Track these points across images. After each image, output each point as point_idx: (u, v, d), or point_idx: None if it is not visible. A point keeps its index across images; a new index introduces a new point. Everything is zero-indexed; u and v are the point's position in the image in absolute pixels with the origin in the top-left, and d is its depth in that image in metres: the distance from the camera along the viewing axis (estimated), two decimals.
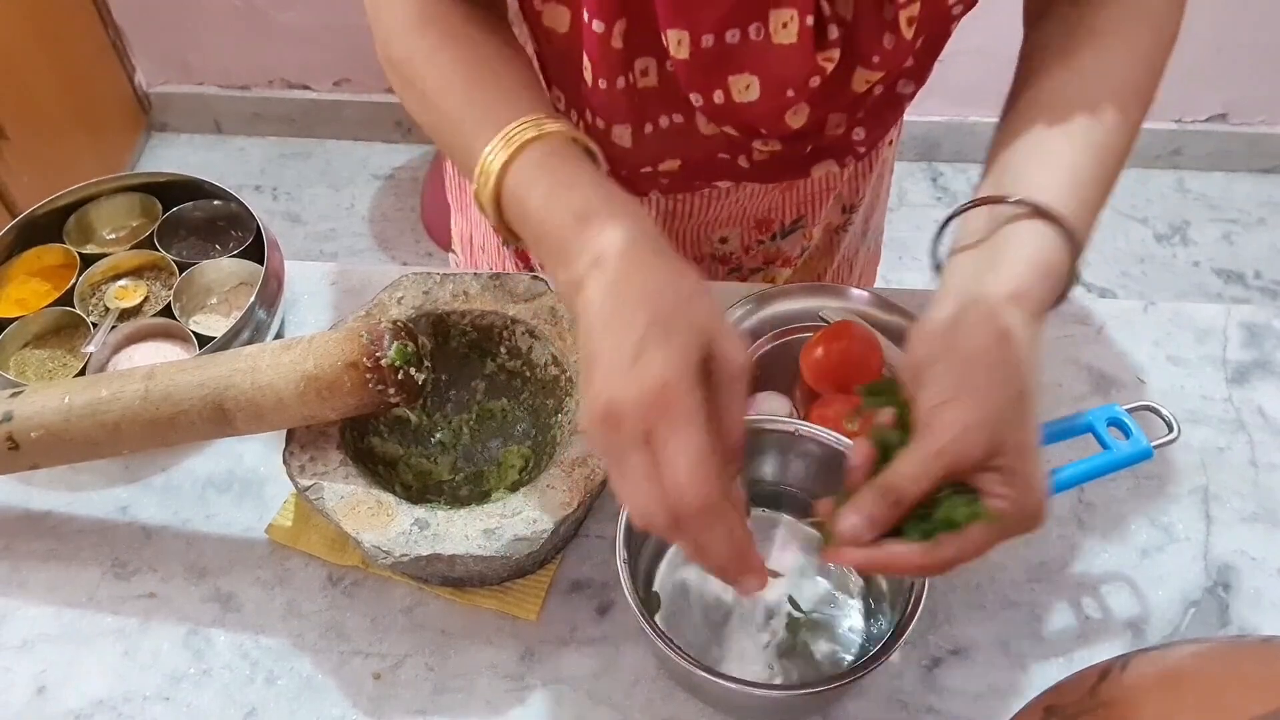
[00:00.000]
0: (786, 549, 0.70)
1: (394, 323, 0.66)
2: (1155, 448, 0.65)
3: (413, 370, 0.65)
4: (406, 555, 0.61)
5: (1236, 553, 0.72)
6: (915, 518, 0.53)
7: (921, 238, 2.18)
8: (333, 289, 0.87)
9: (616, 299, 0.49)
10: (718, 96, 0.67)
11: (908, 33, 0.64)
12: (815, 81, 0.66)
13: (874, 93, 0.71)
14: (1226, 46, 2.06)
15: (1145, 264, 2.16)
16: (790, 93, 0.67)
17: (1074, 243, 0.56)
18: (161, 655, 0.67)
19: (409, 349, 0.65)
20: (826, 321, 0.81)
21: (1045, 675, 0.66)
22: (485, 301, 0.73)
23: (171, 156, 2.33)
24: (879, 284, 1.07)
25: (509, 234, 0.59)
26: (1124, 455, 0.65)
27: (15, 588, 0.70)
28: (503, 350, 0.75)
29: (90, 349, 0.79)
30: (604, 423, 0.47)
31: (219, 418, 0.64)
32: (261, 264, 0.82)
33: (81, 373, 0.78)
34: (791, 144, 0.74)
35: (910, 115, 0.85)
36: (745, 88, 0.67)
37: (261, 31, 2.18)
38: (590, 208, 0.53)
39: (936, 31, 0.67)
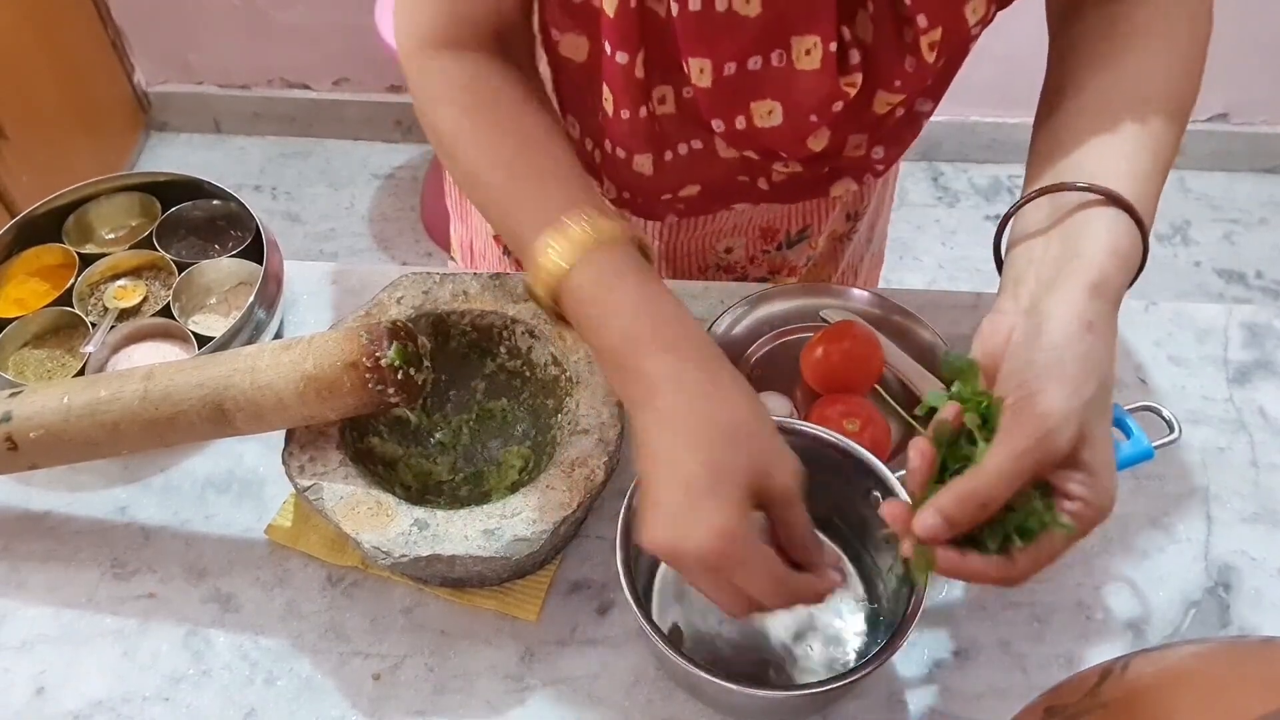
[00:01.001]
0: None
1: (394, 323, 0.66)
2: (1156, 448, 0.65)
3: (412, 370, 0.65)
4: (406, 556, 0.61)
5: (1237, 553, 0.72)
6: (992, 522, 0.51)
7: (922, 237, 2.18)
8: (332, 289, 0.87)
9: (669, 436, 0.53)
10: (740, 122, 0.67)
11: (929, 56, 0.64)
12: (838, 106, 0.66)
13: (895, 114, 0.71)
14: (1227, 46, 2.05)
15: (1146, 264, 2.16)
16: (813, 118, 0.67)
17: (1142, 230, 0.56)
18: (161, 656, 0.67)
19: (409, 349, 0.64)
20: (826, 321, 0.81)
21: (1046, 675, 0.66)
22: (485, 301, 0.73)
23: (171, 156, 2.33)
24: (880, 284, 1.07)
25: (560, 321, 0.61)
26: (1125, 456, 0.65)
27: (15, 588, 0.70)
28: (502, 350, 0.75)
29: (89, 349, 0.79)
30: (667, 560, 0.52)
31: (218, 418, 0.64)
32: (261, 264, 0.82)
33: (80, 373, 0.78)
34: (811, 165, 0.74)
35: None
36: (768, 113, 0.67)
37: (261, 31, 2.18)
38: (648, 331, 0.55)
39: (956, 52, 0.67)
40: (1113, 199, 0.56)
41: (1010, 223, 0.61)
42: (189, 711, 0.65)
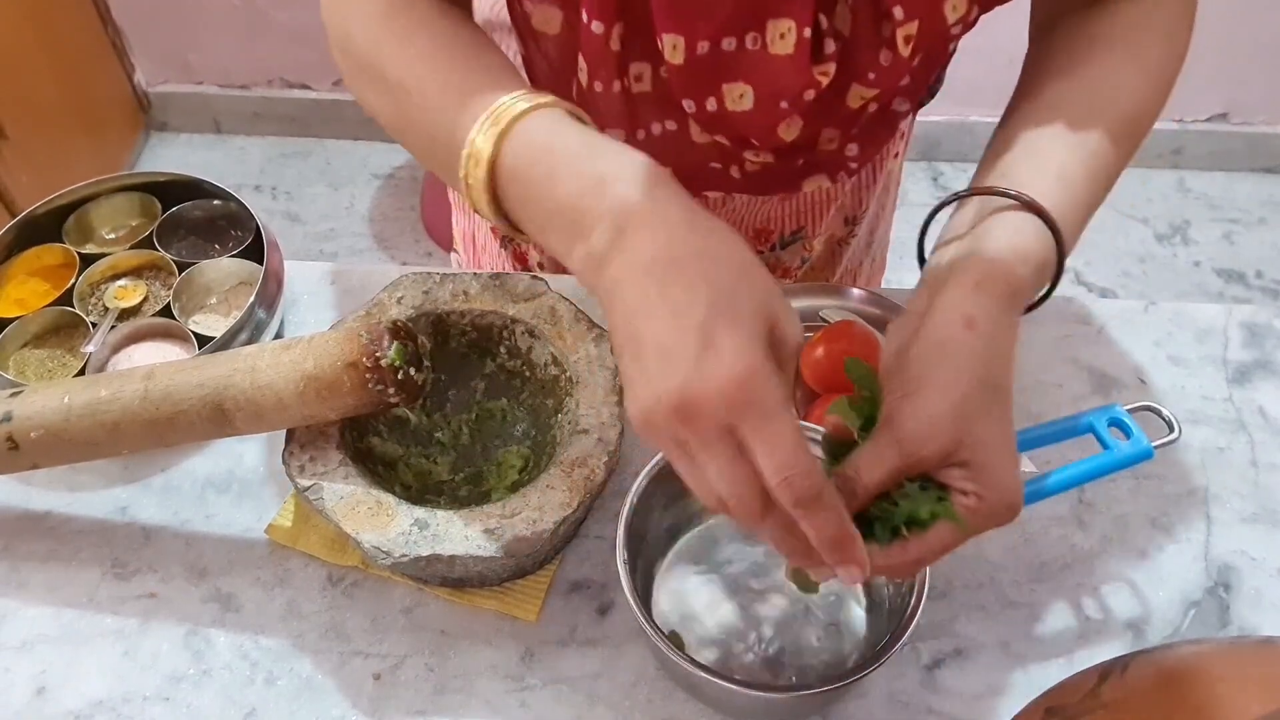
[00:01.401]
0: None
1: (394, 323, 0.66)
2: (1156, 448, 0.65)
3: (412, 370, 0.65)
4: (406, 555, 0.61)
5: (1237, 553, 0.72)
6: (882, 514, 0.52)
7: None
8: (332, 289, 0.87)
9: (660, 272, 0.44)
10: (711, 104, 0.67)
11: (904, 50, 0.64)
12: (810, 95, 0.66)
13: (868, 110, 0.70)
14: (1227, 46, 2.06)
15: (1146, 264, 2.16)
16: (784, 104, 0.66)
17: (1058, 236, 0.56)
18: (161, 656, 0.67)
19: (409, 349, 0.64)
20: (826, 321, 0.81)
21: (1046, 676, 0.66)
22: (485, 301, 0.73)
23: (171, 156, 2.33)
24: (879, 284, 1.07)
25: (509, 226, 0.54)
26: (1125, 455, 0.65)
27: (15, 588, 0.70)
28: (502, 350, 0.75)
29: (90, 349, 0.79)
30: (675, 417, 0.43)
31: (218, 418, 0.64)
32: (261, 264, 0.82)
33: (81, 372, 0.78)
34: (783, 157, 0.73)
35: None
36: (739, 97, 0.66)
37: (261, 31, 2.18)
38: (605, 169, 0.48)
39: (934, 51, 0.67)
40: (1026, 204, 0.56)
41: (933, 227, 0.62)
42: (189, 711, 0.65)
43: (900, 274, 1.06)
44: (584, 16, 0.64)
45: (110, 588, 0.70)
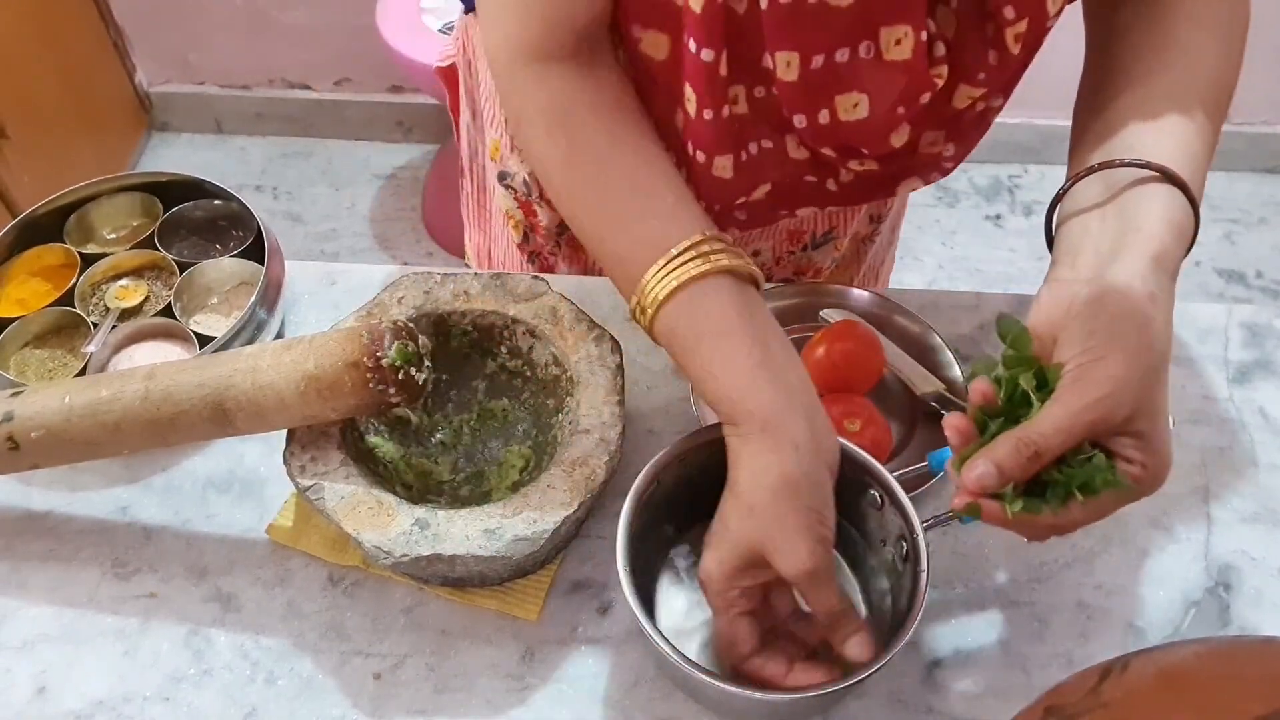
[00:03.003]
0: None
1: (394, 323, 0.66)
2: None
3: (413, 370, 0.65)
4: (407, 555, 0.61)
5: (1237, 553, 0.72)
6: (1052, 479, 0.53)
7: (922, 237, 2.18)
8: (333, 289, 0.87)
9: (735, 495, 0.58)
10: (823, 117, 0.67)
11: (1014, 49, 0.64)
12: (926, 98, 0.66)
13: (974, 109, 0.70)
14: None
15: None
16: (900, 110, 0.66)
17: (1194, 206, 0.58)
18: (161, 655, 0.67)
19: (409, 349, 0.65)
20: (827, 321, 0.81)
21: (1045, 675, 0.66)
22: (486, 301, 0.73)
23: (172, 156, 2.33)
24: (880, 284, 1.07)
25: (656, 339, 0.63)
26: None
27: (15, 588, 0.70)
28: (503, 350, 0.75)
29: (91, 349, 0.79)
30: (763, 557, 0.57)
31: (219, 418, 0.64)
32: (262, 264, 0.82)
33: (82, 373, 0.78)
34: (886, 163, 0.73)
35: None
36: (853, 106, 0.66)
37: (262, 31, 2.18)
38: (735, 389, 0.58)
39: (1035, 46, 0.67)
40: (1166, 175, 0.58)
41: (1061, 200, 0.63)
42: (190, 711, 0.65)
43: (900, 273, 1.07)
44: (691, 45, 0.63)
45: (111, 587, 0.70)
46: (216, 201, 0.89)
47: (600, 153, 0.64)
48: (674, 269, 0.59)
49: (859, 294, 0.83)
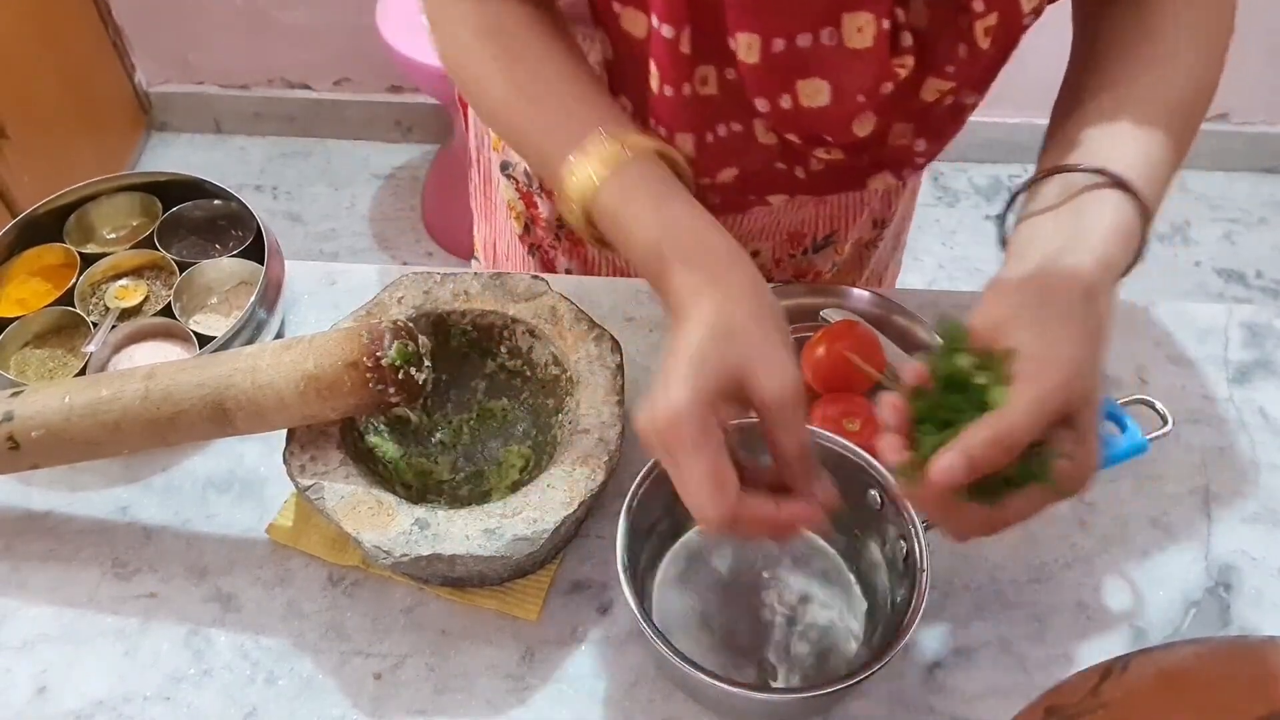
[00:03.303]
0: (786, 549, 0.70)
1: (394, 322, 0.66)
2: (1150, 440, 0.65)
3: (413, 370, 0.65)
4: (407, 555, 0.61)
5: (1237, 553, 0.72)
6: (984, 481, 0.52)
7: (922, 237, 2.18)
8: (333, 289, 0.87)
9: (677, 341, 0.55)
10: (785, 101, 0.67)
11: (984, 43, 0.64)
12: (888, 88, 0.66)
13: (943, 103, 0.70)
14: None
15: (1146, 264, 2.15)
16: (861, 98, 0.66)
17: (1146, 214, 0.58)
18: (162, 655, 0.67)
19: (409, 349, 0.65)
20: (827, 321, 0.81)
21: (1046, 675, 0.66)
22: (485, 301, 0.73)
23: (172, 156, 2.33)
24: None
25: (598, 242, 0.63)
26: (1120, 450, 0.65)
27: (15, 588, 0.70)
28: (503, 350, 0.75)
29: (90, 349, 0.79)
30: (640, 436, 0.54)
31: (219, 417, 0.64)
32: (261, 263, 0.82)
33: (82, 372, 0.78)
34: (853, 154, 0.73)
35: None
36: (815, 93, 0.66)
37: (262, 31, 2.18)
38: (661, 246, 0.58)
39: (1008, 42, 0.67)
40: (1119, 183, 0.58)
41: (1017, 201, 0.63)
42: (190, 711, 0.65)
43: (900, 274, 1.06)
44: (654, 21, 0.64)
45: (111, 587, 0.70)
46: (216, 201, 0.89)
47: (535, 60, 0.66)
48: (607, 155, 0.60)
49: (859, 294, 0.83)
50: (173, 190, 0.89)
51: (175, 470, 0.76)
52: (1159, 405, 0.67)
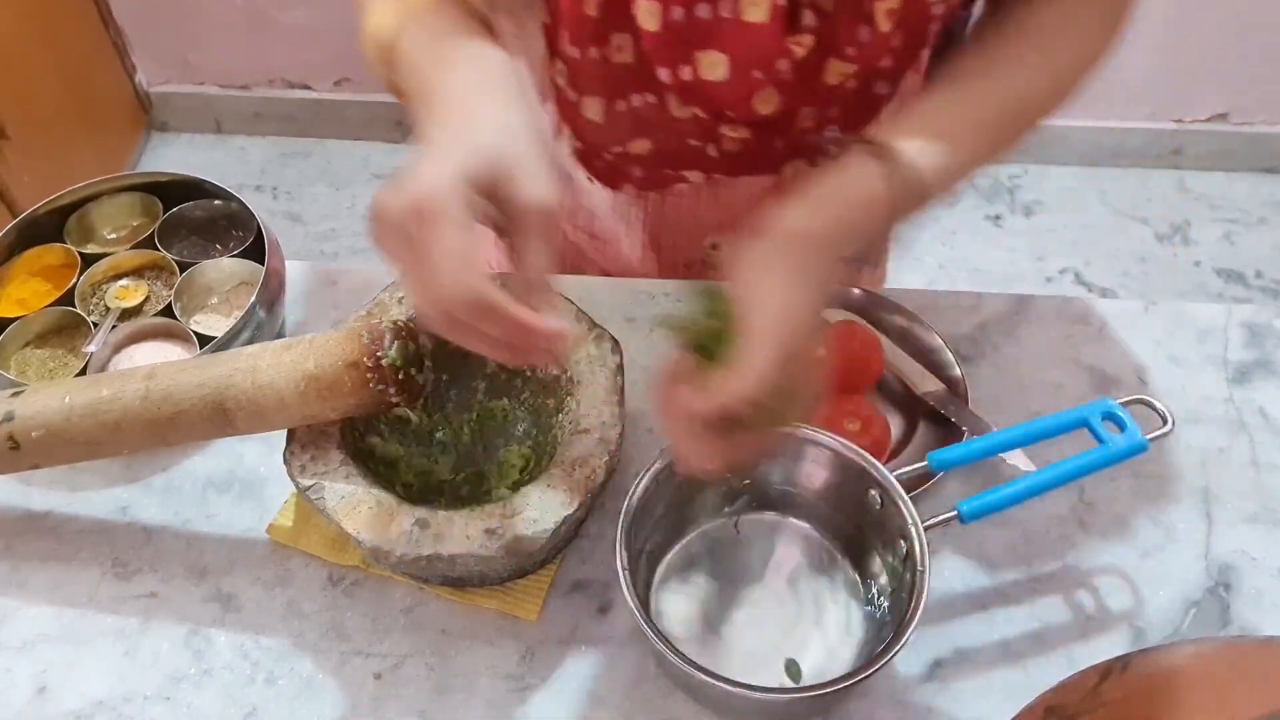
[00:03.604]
0: (787, 549, 0.70)
1: (395, 322, 0.66)
2: (1150, 440, 0.65)
3: (413, 370, 0.65)
4: (407, 555, 0.61)
5: (1237, 553, 0.72)
6: None
7: (922, 237, 2.18)
8: (333, 289, 0.87)
9: (434, 134, 0.54)
10: (685, 73, 0.67)
11: (884, 25, 0.64)
12: (784, 65, 0.66)
13: (846, 87, 0.70)
14: (1227, 46, 2.06)
15: (1146, 264, 2.16)
16: (758, 74, 0.66)
17: (907, 189, 0.58)
18: (162, 655, 0.67)
19: (410, 349, 0.65)
20: (827, 322, 0.81)
21: (1046, 676, 0.65)
22: None
23: (172, 156, 2.33)
24: None
25: (395, 89, 0.62)
26: (1119, 449, 0.65)
27: (15, 588, 0.70)
28: None
29: (91, 349, 0.79)
30: (372, 222, 0.51)
31: (219, 417, 0.64)
32: (262, 264, 0.82)
33: (82, 372, 0.78)
34: (761, 133, 0.73)
35: None
36: (713, 66, 0.66)
37: (262, 31, 2.18)
38: (439, 91, 0.57)
39: (915, 29, 0.67)
40: (880, 149, 0.59)
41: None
42: (190, 711, 0.65)
43: (899, 274, 1.06)
44: None
45: (111, 587, 0.70)
46: (216, 201, 0.89)
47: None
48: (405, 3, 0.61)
49: (859, 294, 0.83)
50: (173, 190, 0.89)
51: (175, 470, 0.76)
52: (1159, 405, 0.67)
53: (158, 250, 0.85)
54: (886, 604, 0.65)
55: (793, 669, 0.65)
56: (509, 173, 0.52)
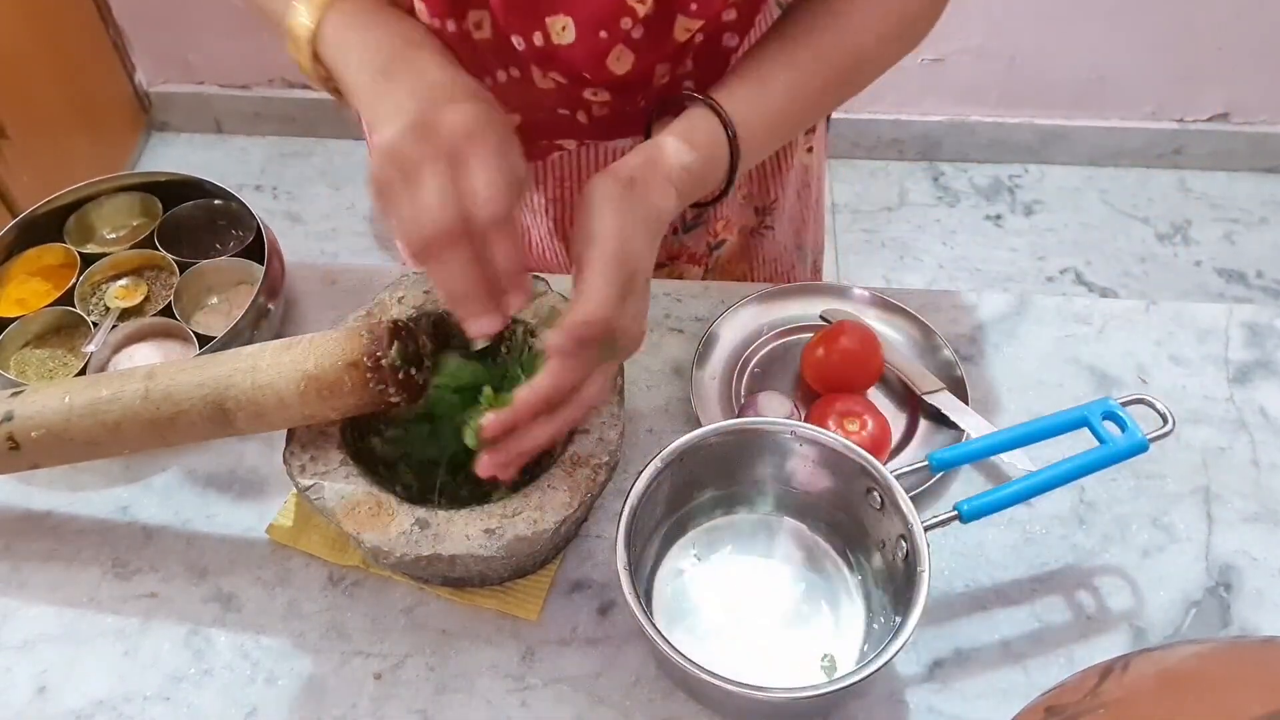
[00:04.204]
0: (787, 549, 0.70)
1: (394, 322, 0.66)
2: (1151, 440, 0.65)
3: (413, 370, 0.65)
4: (407, 555, 0.61)
5: (1238, 553, 0.72)
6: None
7: (922, 237, 2.18)
8: (333, 289, 0.87)
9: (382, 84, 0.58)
10: (537, 39, 0.68)
11: None
12: (628, 24, 0.66)
13: (695, 41, 0.71)
14: (1228, 46, 2.06)
15: (1147, 263, 2.16)
16: (603, 34, 0.67)
17: (730, 132, 0.64)
18: (162, 655, 0.67)
19: (410, 349, 0.65)
20: (827, 321, 0.81)
21: (1046, 675, 0.66)
22: None
23: (172, 156, 2.33)
24: (880, 284, 1.07)
25: (330, 89, 0.65)
26: (1120, 449, 0.65)
27: (15, 588, 0.70)
28: (503, 350, 0.75)
29: (91, 348, 0.79)
30: (414, 134, 0.53)
31: (219, 417, 0.64)
32: (262, 264, 0.82)
33: (82, 372, 0.78)
34: (621, 95, 0.74)
35: (910, 115, 0.84)
36: (562, 29, 0.67)
37: (262, 31, 2.18)
38: (389, 66, 0.60)
39: None
40: (709, 104, 0.65)
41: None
42: (190, 711, 0.65)
43: (900, 274, 1.06)
44: None
45: (111, 587, 0.70)
46: (216, 201, 0.89)
47: None
48: None
49: (859, 294, 0.83)
50: (173, 190, 0.89)
51: (175, 470, 0.76)
52: (1159, 405, 0.67)
53: (157, 250, 0.85)
54: (887, 604, 0.65)
55: (828, 663, 0.65)
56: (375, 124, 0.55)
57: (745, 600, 0.67)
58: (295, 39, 0.63)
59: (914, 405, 0.78)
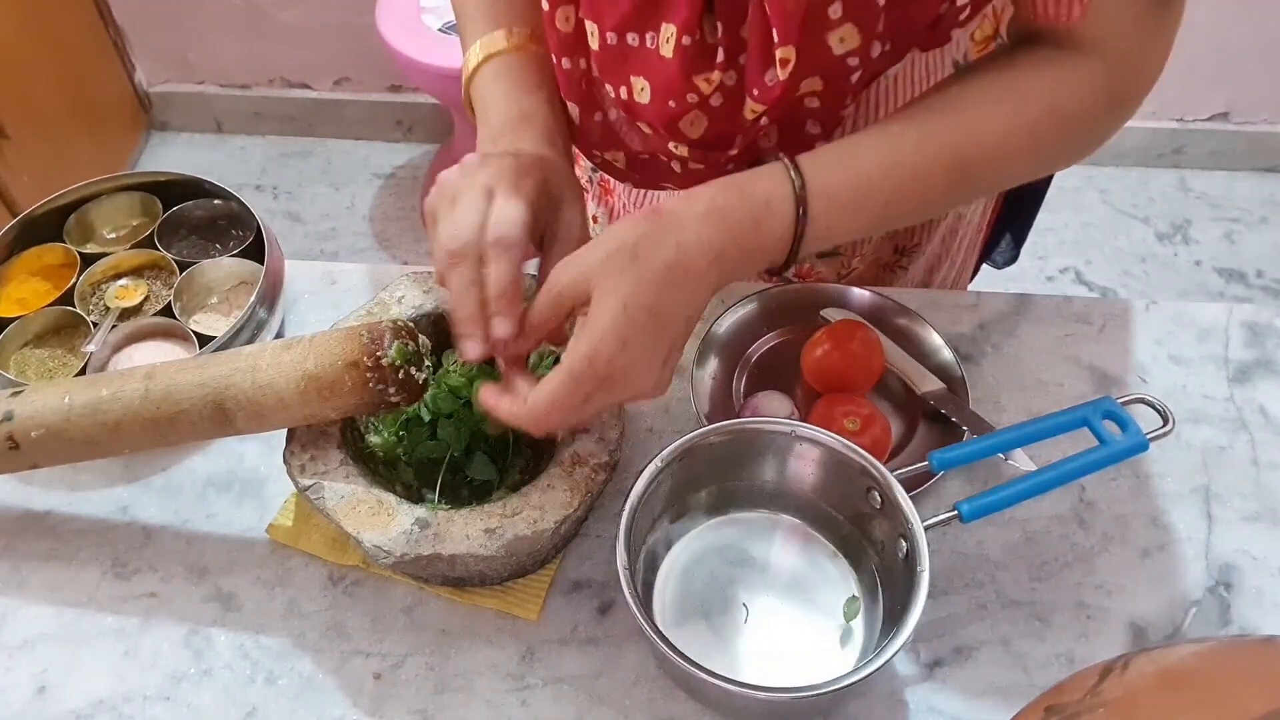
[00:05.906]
0: (787, 549, 0.70)
1: (395, 322, 0.66)
2: (1150, 439, 0.65)
3: (413, 370, 0.65)
4: (407, 555, 0.61)
5: (1238, 552, 0.72)
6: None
7: None
8: (333, 288, 0.87)
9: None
10: (623, 93, 0.70)
11: (782, 74, 0.63)
12: (693, 98, 0.67)
13: (760, 124, 0.69)
14: (1228, 46, 2.06)
15: (1147, 263, 2.16)
16: (671, 104, 0.68)
17: (800, 178, 0.60)
18: (162, 655, 0.67)
19: (410, 348, 0.64)
20: (827, 321, 0.81)
21: (1046, 675, 0.66)
22: None
23: (172, 155, 2.33)
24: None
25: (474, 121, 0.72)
26: (1120, 449, 0.65)
27: (15, 588, 0.70)
28: None
29: (90, 348, 0.79)
30: (462, 169, 0.61)
31: (219, 417, 0.64)
32: (262, 263, 0.82)
33: (82, 372, 0.78)
34: (704, 153, 0.73)
35: None
36: (640, 90, 0.69)
37: (262, 30, 2.18)
38: (499, 137, 0.68)
39: (831, 79, 0.65)
40: (786, 160, 0.61)
41: None
42: (190, 710, 0.65)
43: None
44: None
45: (111, 587, 0.70)
46: (216, 201, 0.89)
47: None
48: (486, 48, 0.71)
49: (859, 294, 0.83)
50: (173, 190, 0.89)
51: (175, 470, 0.76)
52: (1159, 404, 0.67)
53: (157, 250, 0.85)
54: (886, 604, 0.65)
55: (851, 606, 0.66)
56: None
57: (745, 600, 0.67)
58: (465, 71, 0.72)
59: (914, 405, 0.78)
